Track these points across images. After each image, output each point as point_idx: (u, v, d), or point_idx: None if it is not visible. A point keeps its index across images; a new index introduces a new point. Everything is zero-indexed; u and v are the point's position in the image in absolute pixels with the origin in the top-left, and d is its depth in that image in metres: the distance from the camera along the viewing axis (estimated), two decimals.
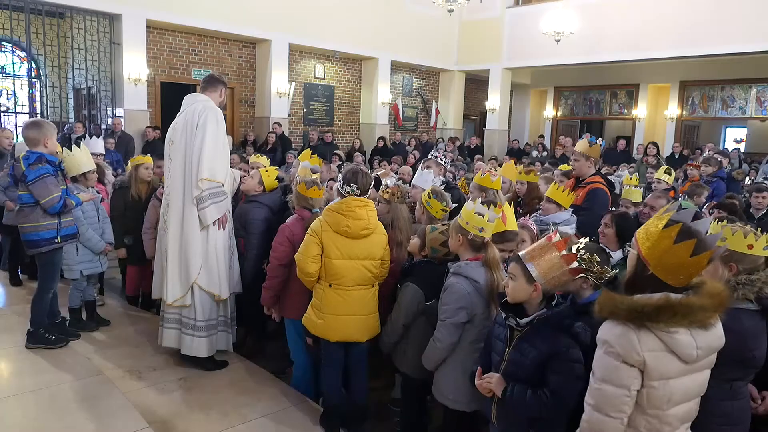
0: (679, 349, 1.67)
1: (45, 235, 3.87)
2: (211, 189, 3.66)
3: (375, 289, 3.20)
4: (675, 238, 1.69)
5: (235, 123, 12.02)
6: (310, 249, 3.07)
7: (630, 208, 4.60)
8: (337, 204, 3.10)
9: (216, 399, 3.47)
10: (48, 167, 3.82)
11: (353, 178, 3.13)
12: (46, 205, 3.80)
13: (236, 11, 10.69)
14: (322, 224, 3.09)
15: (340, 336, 3.13)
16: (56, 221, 3.90)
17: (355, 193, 3.10)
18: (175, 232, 3.75)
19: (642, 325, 1.66)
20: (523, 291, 2.14)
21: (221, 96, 3.94)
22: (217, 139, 3.72)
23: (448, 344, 2.68)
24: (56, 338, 4.04)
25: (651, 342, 1.66)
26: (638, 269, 1.78)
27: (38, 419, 3.12)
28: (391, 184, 3.84)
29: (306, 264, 3.07)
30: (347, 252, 3.06)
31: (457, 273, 2.67)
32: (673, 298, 1.66)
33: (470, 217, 2.66)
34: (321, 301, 3.12)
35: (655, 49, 11.95)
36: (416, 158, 10.33)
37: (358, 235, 3.07)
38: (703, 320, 1.68)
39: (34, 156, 3.80)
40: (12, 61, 12.25)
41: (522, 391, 2.12)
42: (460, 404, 2.70)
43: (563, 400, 2.07)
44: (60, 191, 3.86)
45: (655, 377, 1.68)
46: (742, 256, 2.24)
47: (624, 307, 1.67)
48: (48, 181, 3.79)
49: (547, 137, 16.67)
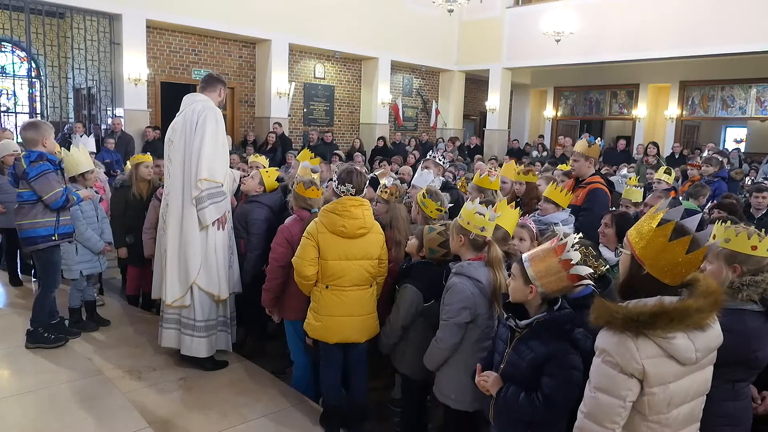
0: (678, 354, 1.66)
1: (42, 232, 3.88)
2: (210, 189, 3.65)
3: (373, 289, 3.20)
4: (670, 236, 1.68)
5: (235, 123, 12.02)
6: (307, 252, 3.05)
7: (630, 208, 4.60)
8: (332, 204, 3.09)
9: (216, 399, 3.47)
10: (48, 164, 3.84)
11: (348, 178, 3.12)
12: (48, 201, 3.82)
13: (236, 11, 10.69)
14: (318, 226, 3.08)
15: (339, 337, 3.12)
16: (55, 218, 3.91)
17: (350, 192, 3.10)
18: (175, 232, 3.75)
19: (640, 333, 1.64)
20: (520, 291, 2.13)
21: (220, 95, 3.92)
22: (217, 139, 3.70)
23: (451, 345, 2.67)
24: (55, 337, 4.05)
25: (650, 349, 1.64)
26: (633, 270, 1.77)
27: (38, 419, 3.12)
28: (390, 183, 3.84)
29: (304, 267, 3.06)
30: (344, 252, 3.05)
31: (460, 273, 2.66)
32: (668, 304, 1.64)
33: (471, 217, 2.66)
34: (318, 304, 3.11)
35: (655, 49, 11.95)
36: (416, 158, 10.33)
37: (354, 234, 3.06)
38: (699, 322, 1.67)
39: (35, 154, 3.83)
40: (12, 61, 12.26)
41: (515, 393, 2.11)
42: (462, 404, 2.70)
43: (555, 406, 2.04)
44: (62, 187, 3.89)
45: (655, 383, 1.66)
46: (746, 257, 2.23)
47: (620, 317, 1.65)
48: (50, 177, 3.82)
49: (547, 137, 16.66)
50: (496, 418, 2.28)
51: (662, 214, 1.75)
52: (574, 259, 2.04)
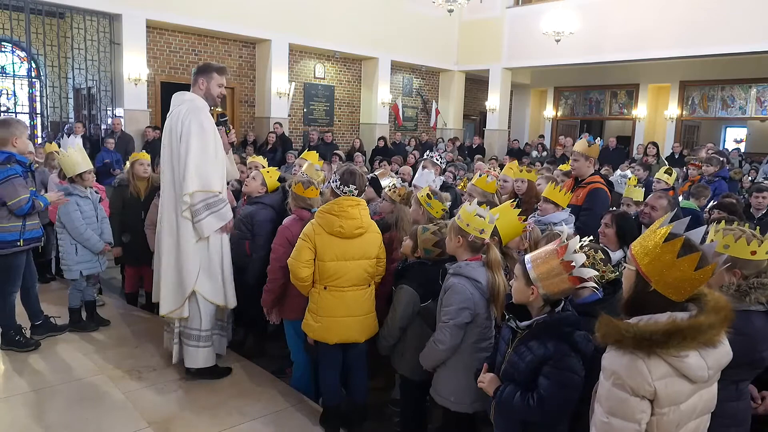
0: (691, 373, 1.61)
1: (7, 237, 3.77)
2: (207, 199, 3.47)
3: (371, 289, 3.19)
4: (678, 252, 1.62)
5: (235, 123, 12.01)
6: (303, 254, 3.04)
7: (631, 206, 4.60)
8: (329, 205, 3.07)
9: (216, 399, 3.47)
10: (17, 168, 3.73)
11: (351, 179, 3.10)
12: (13, 207, 3.71)
13: (236, 11, 10.69)
14: (315, 227, 3.06)
15: (339, 338, 3.12)
16: (21, 224, 3.80)
17: (353, 193, 3.09)
18: (169, 244, 3.57)
19: (652, 352, 1.58)
20: (522, 292, 2.12)
21: (210, 84, 3.58)
22: (205, 146, 3.46)
23: (451, 346, 2.64)
24: (26, 341, 4.01)
25: (661, 369, 1.59)
26: (639, 287, 1.71)
27: (38, 419, 3.12)
28: (399, 185, 3.84)
29: (299, 269, 3.04)
30: (342, 253, 3.04)
31: (458, 273, 2.64)
32: (681, 321, 1.58)
33: (471, 218, 2.64)
34: (317, 305, 3.11)
35: (655, 49, 11.95)
36: (416, 158, 10.33)
37: (352, 234, 3.05)
38: (711, 339, 1.61)
39: (3, 156, 3.71)
40: (12, 61, 12.24)
41: (512, 393, 2.11)
42: (462, 405, 2.68)
43: (550, 407, 2.03)
44: (28, 192, 3.76)
45: (666, 404, 1.61)
46: (745, 261, 2.22)
47: (630, 335, 1.57)
48: (16, 182, 3.69)
49: (547, 137, 16.66)
50: (496, 418, 2.28)
51: (668, 229, 1.69)
52: (576, 261, 2.02)
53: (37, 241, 4.00)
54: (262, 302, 3.57)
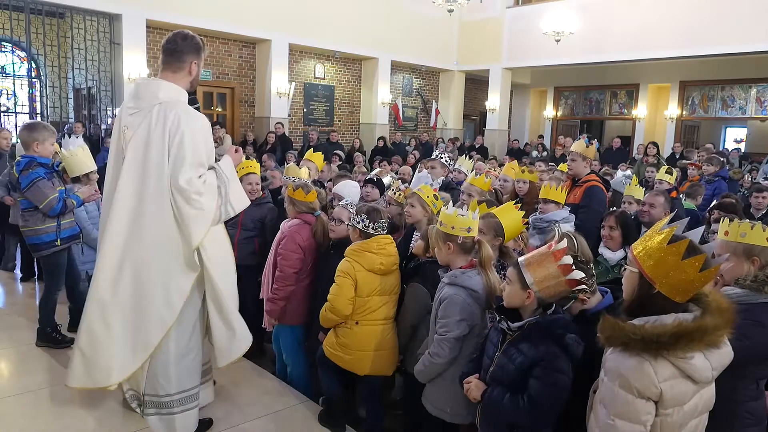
0: (696, 374, 1.62)
1: (45, 239, 3.87)
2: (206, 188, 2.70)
3: (394, 322, 3.18)
4: (683, 254, 1.63)
5: (235, 123, 12.02)
6: (346, 291, 3.01)
7: (633, 204, 4.61)
8: (366, 243, 3.06)
9: (216, 399, 3.46)
10: (39, 171, 3.77)
11: (377, 216, 3.09)
12: (45, 209, 3.77)
13: (236, 11, 10.69)
14: (354, 264, 3.04)
15: (370, 370, 3.10)
16: (55, 224, 3.88)
17: (384, 229, 3.11)
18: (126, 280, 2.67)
19: (659, 354, 1.58)
20: (517, 297, 2.10)
21: (200, 67, 2.80)
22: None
23: (449, 360, 2.58)
24: (61, 338, 4.05)
25: (667, 370, 1.60)
26: (642, 289, 1.70)
27: (38, 419, 3.12)
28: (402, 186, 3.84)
29: (344, 306, 3.02)
30: (379, 288, 3.06)
31: (454, 284, 2.57)
32: (687, 323, 1.59)
33: (454, 220, 2.57)
34: (348, 339, 3.08)
35: (655, 49, 11.95)
36: (416, 158, 10.33)
37: (389, 270, 3.09)
38: (716, 340, 1.62)
39: (25, 161, 3.78)
40: (12, 61, 12.25)
41: (500, 395, 2.09)
42: (459, 417, 2.60)
43: (540, 407, 2.02)
44: (57, 192, 3.81)
45: (670, 405, 1.62)
46: (761, 249, 2.23)
47: (638, 337, 1.58)
48: (41, 184, 3.73)
49: (547, 137, 16.66)
50: (482, 422, 2.26)
51: (671, 230, 1.69)
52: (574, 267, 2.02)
53: (75, 238, 4.09)
54: (269, 311, 3.56)
